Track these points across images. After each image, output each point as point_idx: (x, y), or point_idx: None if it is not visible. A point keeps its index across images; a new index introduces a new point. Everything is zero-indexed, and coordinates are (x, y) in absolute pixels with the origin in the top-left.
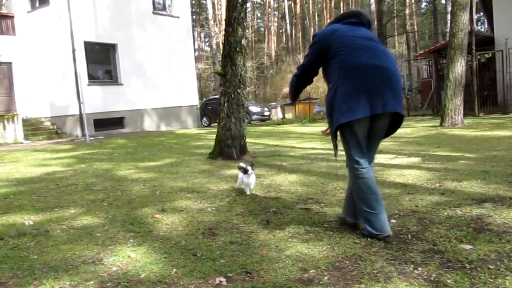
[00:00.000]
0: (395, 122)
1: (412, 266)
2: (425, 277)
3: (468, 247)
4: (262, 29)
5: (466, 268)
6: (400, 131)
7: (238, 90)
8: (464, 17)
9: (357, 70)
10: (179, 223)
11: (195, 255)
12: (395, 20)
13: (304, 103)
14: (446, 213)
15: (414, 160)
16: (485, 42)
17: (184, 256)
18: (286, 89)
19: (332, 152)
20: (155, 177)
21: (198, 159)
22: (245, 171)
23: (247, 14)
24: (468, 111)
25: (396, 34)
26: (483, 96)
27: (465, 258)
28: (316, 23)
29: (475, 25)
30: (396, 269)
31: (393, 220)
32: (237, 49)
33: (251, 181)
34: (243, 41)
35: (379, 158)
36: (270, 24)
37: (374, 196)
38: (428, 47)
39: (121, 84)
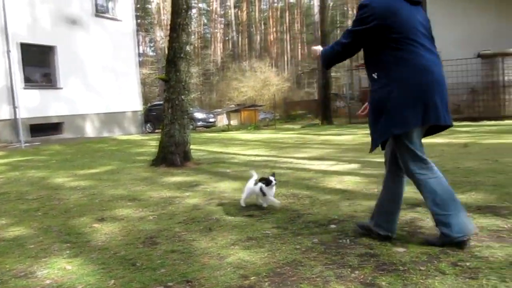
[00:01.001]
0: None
1: (349, 269)
2: (361, 280)
3: (402, 250)
4: (208, 35)
5: (400, 270)
6: (341, 138)
7: (182, 96)
8: None
9: (418, 78)
10: (118, 232)
11: (135, 265)
12: (338, 31)
13: (250, 110)
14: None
15: (354, 166)
16: None
17: (123, 267)
18: (317, 48)
19: (274, 158)
20: (95, 184)
21: (140, 166)
22: (268, 183)
23: (192, 20)
24: None
25: None
26: None
27: (399, 261)
28: (262, 31)
29: None
30: (334, 273)
31: (332, 225)
32: (181, 55)
33: (272, 193)
34: (188, 47)
35: (320, 165)
36: (216, 30)
37: (448, 196)
38: None
39: (60, 88)
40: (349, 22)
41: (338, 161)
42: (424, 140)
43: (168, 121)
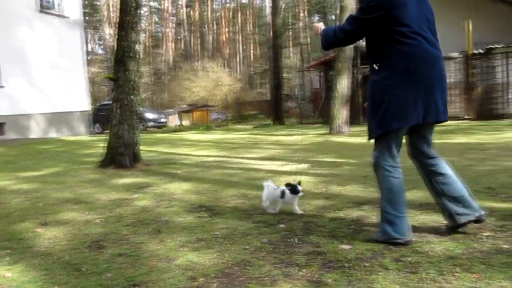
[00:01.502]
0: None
1: (297, 268)
2: (308, 278)
3: (348, 247)
4: (160, 34)
5: (345, 267)
6: (291, 138)
7: (131, 96)
8: None
9: (421, 74)
10: (63, 237)
11: (79, 270)
12: (290, 32)
13: (201, 111)
14: (329, 216)
15: (303, 166)
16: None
17: (67, 272)
18: (319, 25)
19: (225, 159)
20: (39, 187)
21: (87, 168)
22: (294, 191)
23: (142, 18)
24: (354, 119)
25: (290, 45)
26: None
27: (345, 258)
28: (215, 31)
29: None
30: (282, 272)
31: (281, 225)
32: (130, 54)
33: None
34: (137, 46)
35: (271, 165)
36: (167, 29)
37: (402, 199)
38: (320, 59)
39: (2, 86)
40: (301, 24)
41: (289, 161)
42: (372, 140)
43: (117, 121)
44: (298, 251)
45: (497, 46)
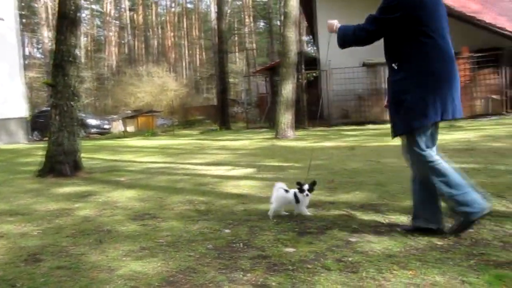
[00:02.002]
0: None
1: (241, 273)
2: (253, 282)
3: (292, 250)
4: (102, 38)
5: (289, 270)
6: (238, 143)
7: (71, 102)
8: (293, 38)
9: (440, 74)
10: None
11: (14, 286)
12: (236, 38)
13: (147, 116)
14: (274, 220)
15: (250, 171)
16: (312, 62)
17: None
18: (334, 23)
19: (171, 165)
20: None
21: (25, 178)
22: (300, 190)
23: (82, 22)
24: (299, 124)
25: (236, 51)
26: (311, 111)
27: (289, 261)
28: (159, 35)
29: (305, 46)
30: (227, 278)
31: (227, 230)
32: (70, 58)
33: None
34: (76, 51)
35: (217, 170)
36: (110, 33)
37: (459, 178)
38: (266, 64)
39: None
40: (246, 30)
41: (235, 166)
42: (316, 144)
43: (56, 128)
44: (243, 256)
45: None
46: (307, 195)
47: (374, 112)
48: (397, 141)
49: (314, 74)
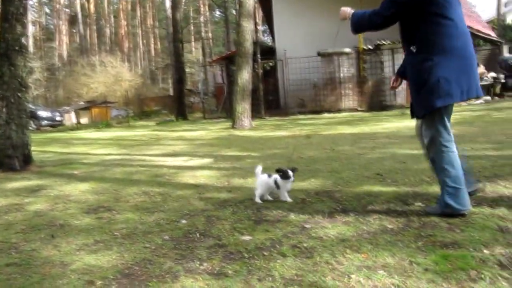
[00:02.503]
0: None
1: (198, 262)
2: (209, 271)
3: (248, 238)
4: (52, 27)
5: (245, 258)
6: (195, 134)
7: (19, 94)
8: (249, 28)
9: (460, 52)
10: None
11: None
12: (192, 27)
13: (101, 107)
14: (231, 209)
15: (207, 161)
16: (269, 51)
17: None
18: (347, 10)
19: (126, 157)
20: None
21: None
22: (283, 175)
23: (30, 9)
24: (256, 113)
25: (192, 40)
26: (268, 100)
27: (245, 249)
28: (112, 24)
29: (261, 36)
30: (184, 268)
31: (183, 221)
32: (16, 48)
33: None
34: (23, 40)
35: (174, 161)
36: (61, 22)
37: (460, 172)
38: (223, 54)
39: None
40: (202, 19)
41: (192, 157)
42: (272, 133)
43: (3, 121)
44: (200, 246)
45: (384, 42)
46: (293, 181)
47: (329, 101)
48: (352, 129)
49: (270, 64)
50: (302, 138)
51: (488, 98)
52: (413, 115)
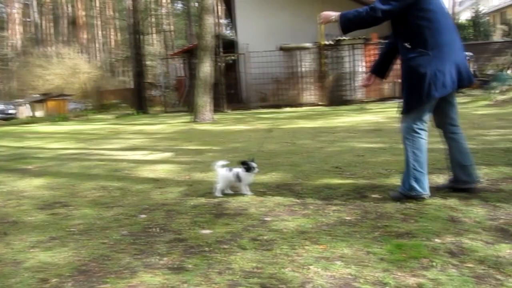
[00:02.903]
0: None
1: (157, 257)
2: (169, 265)
3: (208, 231)
4: (4, 15)
5: (205, 251)
6: (155, 127)
7: None
8: (210, 21)
9: (451, 47)
10: None
11: None
12: (152, 19)
13: (57, 100)
14: (192, 203)
15: (167, 155)
16: (230, 45)
17: None
18: (329, 13)
19: (84, 151)
20: None
21: None
22: (248, 168)
23: None
24: (218, 107)
25: (153, 32)
26: (229, 94)
27: (205, 242)
28: (69, 14)
29: (224, 29)
30: (143, 263)
31: (142, 215)
32: None
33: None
34: None
35: (133, 155)
36: (13, 10)
37: (426, 159)
38: (184, 46)
39: None
40: (163, 11)
41: (152, 151)
42: (234, 127)
43: None
44: (160, 240)
45: (344, 38)
46: (258, 171)
47: (290, 95)
48: (312, 123)
49: (232, 58)
50: (263, 132)
51: None
52: (403, 111)
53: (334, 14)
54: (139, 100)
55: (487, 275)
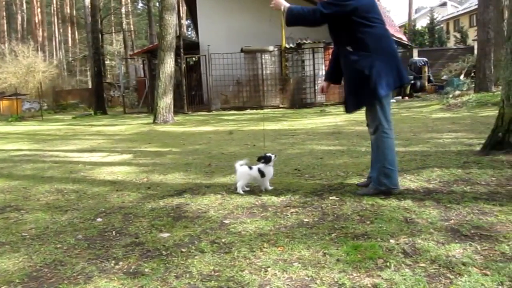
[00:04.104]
0: None
1: (113, 262)
2: (125, 270)
3: (166, 235)
4: None
5: (163, 255)
6: (114, 129)
7: None
8: (172, 21)
9: (390, 49)
10: None
11: None
12: (112, 18)
13: (10, 100)
14: (150, 206)
15: (126, 157)
16: (192, 46)
17: None
18: (282, 4)
19: (38, 152)
20: None
21: None
22: (267, 160)
23: None
24: (179, 109)
25: (113, 31)
26: (191, 96)
27: (163, 246)
28: (25, 10)
29: (185, 30)
30: (98, 268)
31: (99, 219)
32: None
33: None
34: None
35: (90, 157)
36: None
37: (395, 156)
38: (145, 47)
39: None
40: (124, 10)
41: (110, 152)
42: (195, 129)
43: None
44: (116, 244)
45: (305, 41)
46: (276, 157)
47: (252, 98)
48: (274, 125)
49: (194, 59)
50: (224, 134)
51: (399, 98)
52: (348, 109)
53: (284, 5)
54: (98, 100)
55: (438, 274)
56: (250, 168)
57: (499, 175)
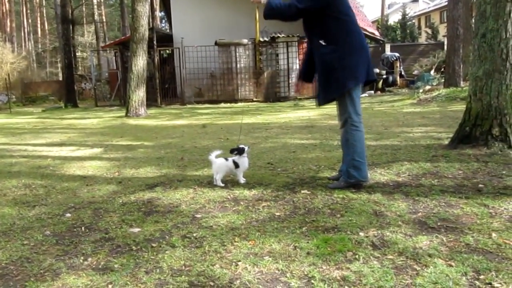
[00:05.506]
0: None
1: (82, 258)
2: (94, 266)
3: (137, 230)
4: None
5: (133, 250)
6: (85, 122)
7: None
8: (144, 13)
9: (360, 44)
10: None
11: None
12: (83, 8)
13: None
14: (121, 201)
15: (97, 151)
16: (166, 39)
17: None
18: None
19: (6, 146)
20: None
21: None
22: (240, 151)
23: None
24: (152, 102)
25: (84, 22)
26: (164, 89)
27: (133, 241)
28: None
29: (159, 22)
30: (66, 264)
31: (68, 214)
32: None
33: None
34: None
35: (60, 151)
36: None
37: (364, 148)
38: (117, 38)
39: None
40: (95, 0)
41: (80, 146)
42: (168, 122)
43: None
44: (85, 240)
45: (279, 35)
46: (250, 149)
47: (226, 91)
48: (247, 119)
49: (167, 51)
50: (198, 128)
51: (371, 92)
52: (319, 102)
53: None
54: (68, 93)
55: (405, 266)
56: (226, 159)
57: (466, 168)
